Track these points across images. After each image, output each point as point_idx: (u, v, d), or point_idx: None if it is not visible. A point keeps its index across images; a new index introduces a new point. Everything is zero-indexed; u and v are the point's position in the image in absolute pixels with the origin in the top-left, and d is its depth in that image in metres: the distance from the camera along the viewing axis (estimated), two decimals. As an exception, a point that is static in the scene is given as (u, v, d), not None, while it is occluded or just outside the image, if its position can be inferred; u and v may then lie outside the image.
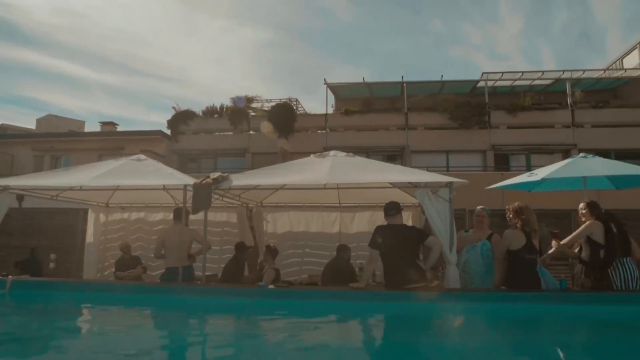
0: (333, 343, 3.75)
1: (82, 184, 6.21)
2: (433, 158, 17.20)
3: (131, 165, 6.67)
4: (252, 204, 8.47)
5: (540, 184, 6.90)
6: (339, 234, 8.51)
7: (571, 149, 16.17)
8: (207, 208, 5.84)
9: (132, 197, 8.29)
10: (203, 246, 6.11)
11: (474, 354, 3.39)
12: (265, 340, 3.83)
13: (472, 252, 5.54)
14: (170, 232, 6.36)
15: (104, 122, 21.69)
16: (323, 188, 6.94)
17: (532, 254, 4.85)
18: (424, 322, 4.45)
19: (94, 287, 5.87)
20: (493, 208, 6.39)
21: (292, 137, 17.91)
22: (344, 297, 4.97)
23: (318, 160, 6.43)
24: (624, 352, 3.38)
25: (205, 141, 18.87)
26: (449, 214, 5.32)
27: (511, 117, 17.24)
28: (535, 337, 3.92)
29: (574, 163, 6.40)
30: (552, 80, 18.23)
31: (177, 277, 5.92)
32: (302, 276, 8.13)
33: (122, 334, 4.05)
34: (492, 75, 18.00)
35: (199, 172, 17.05)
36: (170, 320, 4.76)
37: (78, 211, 9.94)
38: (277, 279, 6.67)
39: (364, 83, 18.36)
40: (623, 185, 7.01)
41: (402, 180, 6.19)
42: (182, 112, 19.16)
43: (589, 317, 4.55)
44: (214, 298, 5.21)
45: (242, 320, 4.79)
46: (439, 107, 17.55)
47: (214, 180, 5.77)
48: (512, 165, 17.49)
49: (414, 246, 4.96)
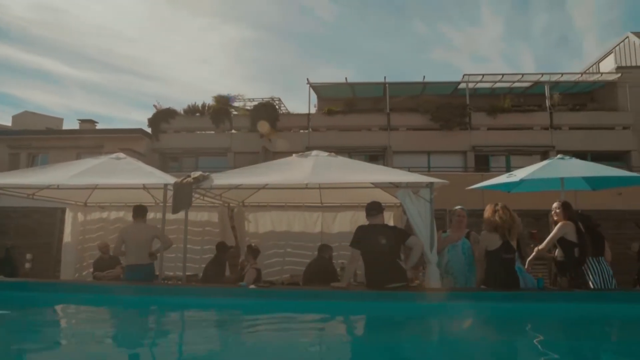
0: (314, 343, 3.75)
1: (59, 182, 6.09)
2: (415, 158, 17.35)
3: (110, 163, 6.57)
4: (233, 203, 8.42)
5: (519, 185, 7.01)
6: (321, 234, 8.52)
7: (549, 151, 16.49)
8: (188, 207, 5.80)
9: (111, 196, 8.17)
10: (163, 244, 6.09)
11: (454, 353, 3.42)
12: (246, 341, 3.81)
13: (454, 252, 5.61)
14: (130, 230, 6.30)
15: (82, 119, 21.33)
16: (305, 188, 6.93)
17: (509, 254, 4.92)
18: (405, 322, 4.48)
19: (71, 288, 5.76)
20: (473, 208, 6.48)
21: (274, 137, 17.87)
22: (325, 297, 4.96)
23: (300, 160, 6.43)
24: (599, 349, 3.46)
25: (186, 140, 18.70)
26: (430, 214, 5.38)
27: (491, 119, 17.50)
28: (514, 335, 3.99)
29: (551, 164, 6.53)
30: (532, 83, 18.54)
31: (138, 275, 5.93)
32: (284, 276, 8.13)
33: (103, 336, 3.99)
34: (473, 77, 18.22)
35: (180, 171, 16.89)
36: (149, 321, 4.71)
37: (55, 210, 9.75)
38: (258, 278, 6.65)
39: (346, 83, 18.40)
40: (598, 186, 7.17)
41: (383, 180, 6.22)
42: (164, 111, 18.96)
43: (566, 315, 4.65)
44: (194, 298, 5.17)
45: (223, 320, 4.75)
46: (420, 108, 17.71)
47: (194, 179, 5.73)
48: (492, 166, 17.74)
49: (395, 246, 4.98)
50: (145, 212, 6.45)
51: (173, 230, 7.74)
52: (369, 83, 18.92)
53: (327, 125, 18.18)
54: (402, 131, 17.82)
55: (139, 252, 6.15)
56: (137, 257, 6.12)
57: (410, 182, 5.65)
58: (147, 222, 6.57)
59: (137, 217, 6.36)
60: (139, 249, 6.16)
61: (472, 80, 18.29)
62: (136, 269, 6.05)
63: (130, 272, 6.12)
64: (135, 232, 6.26)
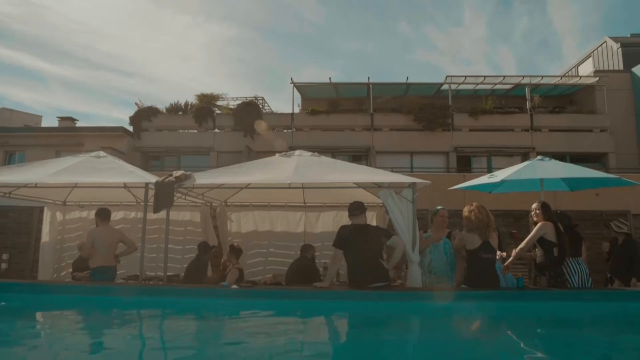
0: (296, 343, 3.74)
1: (37, 181, 6.01)
2: (398, 159, 17.47)
3: (90, 162, 6.48)
4: (216, 202, 8.36)
5: (499, 186, 7.10)
6: (304, 234, 8.51)
7: (530, 152, 16.75)
8: (170, 207, 5.76)
9: (91, 195, 8.04)
10: (128, 247, 6.35)
11: (434, 352, 3.45)
12: (228, 342, 3.79)
13: (436, 252, 5.65)
14: (98, 232, 6.30)
15: (62, 117, 20.89)
16: (288, 187, 6.93)
17: (489, 253, 4.98)
18: (387, 321, 4.51)
19: (46, 289, 5.65)
20: (455, 209, 6.55)
21: (257, 136, 17.83)
22: (307, 296, 4.97)
23: (283, 159, 6.42)
24: (577, 346, 3.52)
25: (168, 138, 18.51)
26: (412, 214, 5.42)
27: (473, 120, 17.71)
28: (494, 333, 4.04)
29: (531, 165, 6.63)
30: (513, 85, 18.81)
31: (105, 277, 5.99)
32: (267, 276, 8.10)
33: (83, 337, 3.93)
34: (455, 78, 18.41)
35: (162, 170, 16.74)
36: (130, 321, 4.65)
37: (33, 209, 9.54)
38: (240, 278, 6.62)
39: (330, 83, 18.43)
40: (576, 187, 7.31)
41: (366, 180, 6.25)
42: (145, 109, 18.72)
43: (545, 313, 4.73)
44: (176, 299, 5.12)
45: (205, 321, 4.72)
46: (403, 109, 17.83)
47: (176, 178, 5.68)
48: (474, 166, 17.96)
49: (377, 246, 5.01)
50: (109, 215, 6.52)
51: (154, 230, 7.68)
52: (352, 83, 18.99)
53: (310, 125, 18.18)
54: (385, 131, 17.92)
55: (107, 254, 6.23)
56: (105, 259, 6.18)
57: (392, 183, 5.68)
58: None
59: (103, 219, 6.40)
60: (107, 251, 6.24)
61: (455, 81, 18.48)
62: (105, 270, 6.12)
63: (99, 273, 6.14)
64: (103, 234, 6.28)
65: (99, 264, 6.16)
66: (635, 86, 18.27)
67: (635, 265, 5.92)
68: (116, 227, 6.91)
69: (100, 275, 6.10)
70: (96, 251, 6.18)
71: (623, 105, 18.11)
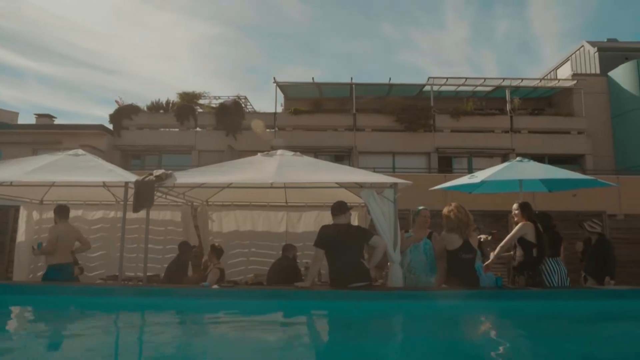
0: (277, 343, 3.73)
1: (13, 179, 5.87)
2: (380, 159, 17.55)
3: (68, 160, 6.36)
4: (197, 202, 8.30)
5: (479, 186, 7.18)
6: (286, 234, 8.50)
7: (509, 153, 17.00)
8: (150, 206, 5.70)
9: (69, 194, 7.88)
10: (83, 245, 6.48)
11: (414, 351, 3.48)
12: (208, 342, 3.76)
13: (416, 252, 5.70)
14: (60, 230, 6.26)
15: (40, 114, 20.44)
16: (270, 187, 6.90)
17: (469, 254, 5.05)
18: (368, 321, 4.52)
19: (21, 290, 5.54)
20: (437, 209, 6.60)
21: (239, 135, 17.74)
22: (289, 296, 4.96)
23: (265, 159, 6.40)
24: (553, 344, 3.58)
25: (149, 137, 18.27)
26: (394, 214, 5.46)
27: (455, 121, 17.91)
28: (473, 331, 4.09)
29: (511, 167, 6.73)
30: (493, 87, 19.07)
31: (63, 275, 6.00)
32: (248, 276, 8.06)
33: (56, 338, 3.86)
34: (437, 80, 18.61)
35: (143, 169, 16.52)
36: (108, 323, 4.58)
37: (8, 208, 9.33)
38: (221, 278, 6.58)
39: (313, 83, 18.43)
40: (555, 188, 7.44)
41: (348, 180, 6.27)
42: (126, 107, 18.45)
43: (523, 312, 4.81)
44: (155, 299, 5.07)
45: (185, 321, 4.68)
46: (386, 110, 17.93)
47: (157, 177, 5.63)
48: (455, 167, 18.14)
49: (358, 245, 5.03)
50: (68, 213, 6.49)
51: (134, 230, 7.57)
52: (335, 83, 19.02)
53: (293, 124, 18.16)
54: (367, 132, 18.00)
55: (66, 251, 6.24)
56: (64, 257, 6.19)
57: (374, 183, 5.71)
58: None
59: (62, 217, 6.36)
60: (66, 248, 6.25)
61: (437, 83, 18.68)
62: (63, 268, 6.12)
63: (57, 271, 6.11)
64: (64, 232, 6.26)
65: (58, 261, 6.14)
66: (612, 90, 18.70)
67: (608, 265, 6.05)
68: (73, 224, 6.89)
69: (58, 273, 6.07)
70: (57, 248, 6.14)
71: (600, 108, 18.51)
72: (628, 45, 21.36)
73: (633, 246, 9.83)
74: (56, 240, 6.10)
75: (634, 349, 3.49)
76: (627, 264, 9.51)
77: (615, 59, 19.62)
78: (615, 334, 4.06)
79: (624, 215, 10.49)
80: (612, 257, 6.12)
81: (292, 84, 18.96)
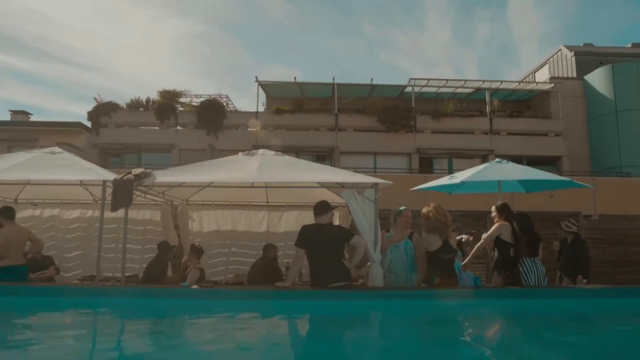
0: (258, 343, 3.72)
1: (-15, 177, 5.72)
2: (361, 159, 17.64)
3: (44, 158, 6.23)
4: (177, 201, 8.21)
5: (459, 187, 7.27)
6: (267, 233, 8.46)
7: (489, 154, 17.28)
8: (128, 205, 5.62)
9: (45, 192, 7.73)
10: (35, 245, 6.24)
11: (392, 350, 3.50)
12: (188, 343, 3.73)
13: (396, 252, 5.73)
14: (10, 231, 6.07)
15: (14, 110, 19.98)
16: (251, 187, 6.88)
17: (449, 254, 5.12)
18: (348, 320, 4.54)
19: None
20: (418, 209, 6.66)
21: (221, 134, 17.64)
22: (269, 296, 4.95)
23: (246, 158, 6.36)
24: (530, 342, 3.65)
25: (129, 135, 18.03)
26: (374, 214, 5.48)
27: (435, 122, 18.12)
28: (451, 330, 4.13)
29: (490, 168, 6.84)
30: (474, 89, 19.36)
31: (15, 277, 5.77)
32: (229, 276, 8.00)
33: (40, 339, 3.78)
34: (419, 81, 18.82)
35: (122, 167, 16.28)
36: (85, 324, 4.50)
37: (-18, 207, 9.11)
38: (201, 278, 6.53)
39: (295, 83, 18.43)
40: (532, 188, 7.57)
41: (329, 180, 6.28)
42: (105, 104, 18.19)
43: (501, 311, 4.89)
44: (134, 299, 5.00)
45: (164, 322, 4.63)
46: (368, 110, 18.04)
47: (135, 176, 5.55)
48: (436, 168, 18.35)
49: (339, 245, 5.04)
50: (15, 213, 6.25)
51: (112, 229, 7.46)
52: (317, 83, 19.05)
53: (275, 124, 18.14)
54: (349, 132, 18.09)
55: (17, 253, 6.03)
56: (15, 258, 5.98)
57: (355, 183, 5.74)
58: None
59: (9, 218, 6.15)
60: (17, 250, 6.04)
61: (418, 84, 18.88)
62: (14, 270, 5.89)
63: (6, 273, 5.91)
64: (14, 233, 6.06)
65: (10, 264, 5.95)
66: (587, 93, 19.15)
67: (582, 264, 6.19)
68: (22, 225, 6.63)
69: (10, 275, 5.89)
70: (10, 251, 5.97)
71: (576, 112, 18.94)
72: (603, 50, 21.89)
73: (607, 246, 10.12)
74: (7, 244, 5.92)
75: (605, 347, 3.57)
76: (601, 263, 9.78)
77: (591, 63, 20.10)
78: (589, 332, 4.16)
79: (599, 215, 10.76)
80: (586, 257, 6.26)
81: (274, 83, 18.93)
